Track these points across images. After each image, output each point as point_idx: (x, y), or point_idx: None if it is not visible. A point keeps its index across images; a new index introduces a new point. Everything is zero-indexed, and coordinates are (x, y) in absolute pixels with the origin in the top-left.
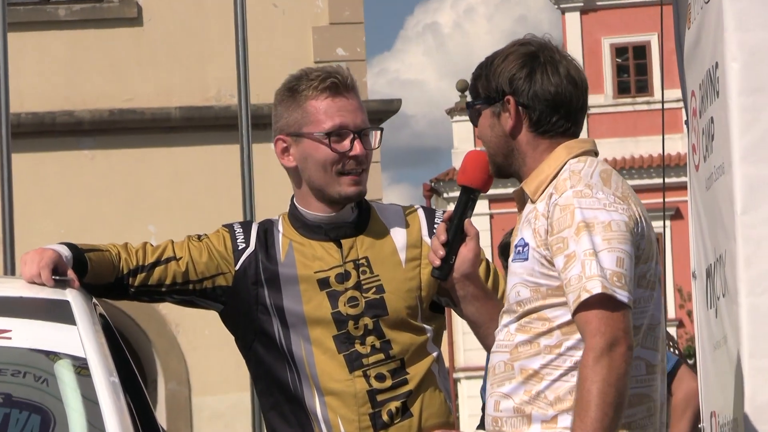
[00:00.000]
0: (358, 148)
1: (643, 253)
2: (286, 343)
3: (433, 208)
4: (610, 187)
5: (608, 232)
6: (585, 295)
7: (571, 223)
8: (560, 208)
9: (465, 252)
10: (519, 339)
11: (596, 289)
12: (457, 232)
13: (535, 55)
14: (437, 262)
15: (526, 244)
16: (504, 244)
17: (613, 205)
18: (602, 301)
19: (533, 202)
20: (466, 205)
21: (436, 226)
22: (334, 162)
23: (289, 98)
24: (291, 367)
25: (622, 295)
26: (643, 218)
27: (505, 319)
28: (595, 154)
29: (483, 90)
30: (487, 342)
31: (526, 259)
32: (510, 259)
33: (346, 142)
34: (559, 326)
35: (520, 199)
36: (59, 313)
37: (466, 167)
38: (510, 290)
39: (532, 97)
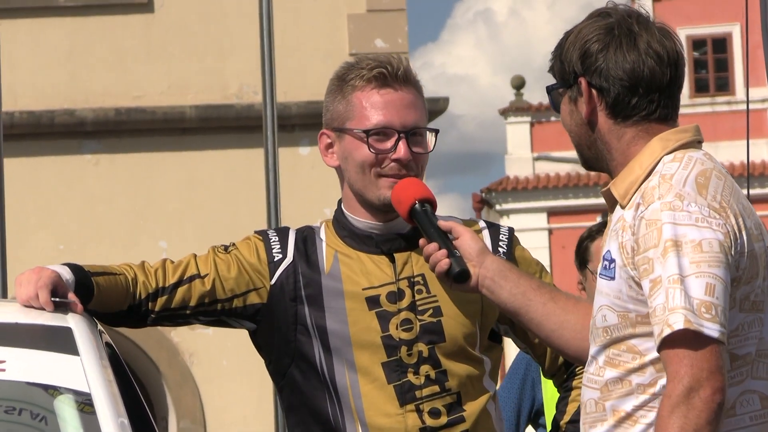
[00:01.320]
0: (402, 149)
1: (745, 273)
2: (327, 370)
3: (497, 223)
4: (705, 196)
5: (698, 254)
6: (667, 331)
7: (657, 241)
8: (646, 223)
9: (462, 237)
10: (609, 376)
11: (678, 324)
12: (440, 235)
13: (610, 28)
14: (446, 262)
15: (613, 260)
16: (584, 246)
17: (707, 220)
18: (686, 338)
19: (622, 207)
20: (427, 215)
21: (501, 244)
22: (373, 163)
23: (337, 88)
24: (332, 397)
25: (712, 329)
26: (744, 231)
27: (593, 347)
28: (699, 143)
29: (558, 72)
30: (557, 342)
31: (613, 278)
32: (598, 271)
33: (389, 142)
34: (652, 362)
35: (610, 200)
36: (60, 341)
37: (399, 198)
38: (596, 312)
39: (605, 76)
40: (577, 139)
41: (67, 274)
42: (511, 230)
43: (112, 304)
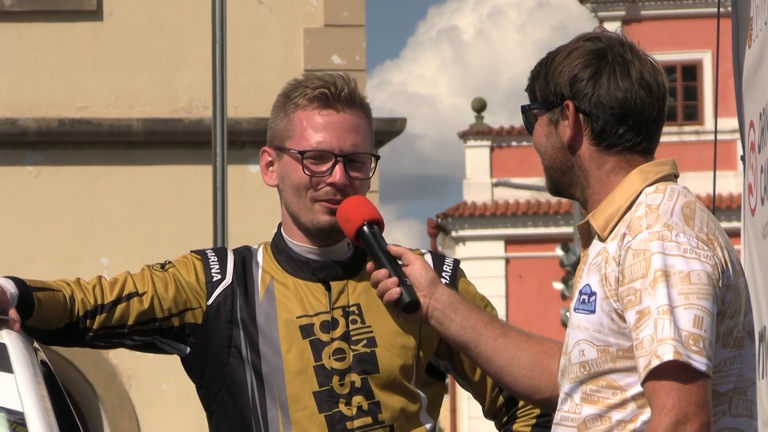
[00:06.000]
0: (338, 174)
1: (729, 307)
2: (258, 397)
3: (443, 253)
4: (693, 227)
5: (686, 285)
6: (655, 362)
7: (645, 272)
8: (633, 253)
9: (413, 265)
10: (587, 413)
11: (668, 355)
12: (390, 261)
13: (602, 53)
14: (396, 290)
15: (593, 293)
16: None
17: (695, 251)
18: (674, 370)
19: (602, 240)
20: (376, 238)
21: (444, 275)
22: (308, 186)
23: (281, 105)
24: (261, 425)
25: (699, 362)
26: (729, 264)
27: (566, 384)
28: (675, 177)
29: (540, 92)
30: (506, 379)
31: (593, 311)
32: (572, 306)
33: (325, 165)
34: (634, 397)
35: (586, 234)
36: None
37: (348, 217)
38: (572, 347)
39: (595, 103)
40: (551, 162)
41: (11, 288)
42: (456, 261)
43: (50, 321)
